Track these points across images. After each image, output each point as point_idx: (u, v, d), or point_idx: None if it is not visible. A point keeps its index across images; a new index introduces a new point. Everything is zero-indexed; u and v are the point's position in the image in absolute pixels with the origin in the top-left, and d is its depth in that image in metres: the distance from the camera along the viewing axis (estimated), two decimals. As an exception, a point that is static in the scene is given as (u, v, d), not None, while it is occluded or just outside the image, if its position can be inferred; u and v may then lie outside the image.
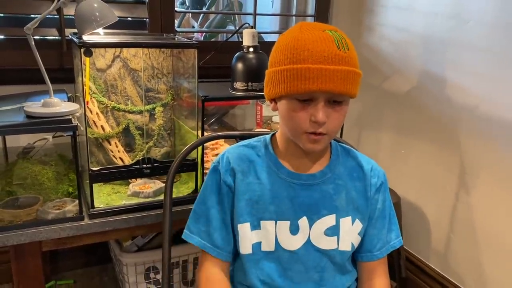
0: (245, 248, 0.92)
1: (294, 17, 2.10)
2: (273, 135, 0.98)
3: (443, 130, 1.59)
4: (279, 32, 2.17)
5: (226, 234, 0.94)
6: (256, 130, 1.65)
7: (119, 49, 1.33)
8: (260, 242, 0.92)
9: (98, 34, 1.24)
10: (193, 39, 1.99)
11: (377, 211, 0.96)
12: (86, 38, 1.15)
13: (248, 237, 0.92)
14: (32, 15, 1.58)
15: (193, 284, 1.62)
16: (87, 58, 1.12)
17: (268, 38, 2.12)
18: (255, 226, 0.92)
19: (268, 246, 0.92)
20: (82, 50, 1.08)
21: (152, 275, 1.52)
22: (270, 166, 0.93)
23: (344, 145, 1.00)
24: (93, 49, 1.13)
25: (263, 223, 0.92)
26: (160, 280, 1.54)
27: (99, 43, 1.18)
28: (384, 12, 1.82)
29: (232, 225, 0.94)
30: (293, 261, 0.93)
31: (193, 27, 2.92)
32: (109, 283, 1.82)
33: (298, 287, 0.93)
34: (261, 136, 0.99)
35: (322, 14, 1.96)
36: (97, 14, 1.14)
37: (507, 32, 1.35)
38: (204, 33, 2.43)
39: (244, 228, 0.92)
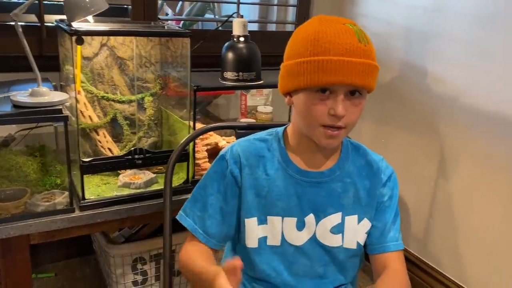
0: (251, 242, 0.93)
1: (276, 7, 2.10)
2: (285, 128, 0.96)
3: (423, 119, 1.64)
4: (260, 22, 2.17)
5: (221, 223, 0.93)
6: (241, 120, 1.65)
7: (106, 37, 1.29)
8: (266, 237, 0.93)
9: (86, 21, 1.20)
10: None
11: (382, 204, 0.96)
12: (75, 25, 1.12)
13: (254, 231, 0.92)
14: (8, 0, 1.52)
15: (180, 273, 1.61)
16: (79, 47, 1.09)
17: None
18: (262, 221, 0.92)
19: (274, 241, 0.93)
20: (74, 38, 1.05)
21: (139, 266, 1.51)
22: (280, 162, 0.92)
23: (354, 142, 1.00)
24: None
25: (270, 218, 0.92)
26: (147, 271, 1.53)
27: (92, 31, 1.15)
28: (366, 3, 1.85)
29: (239, 219, 0.94)
30: (298, 256, 0.93)
31: (167, 14, 2.87)
32: (91, 275, 1.79)
33: (303, 280, 0.94)
34: (273, 129, 0.97)
35: (305, 3, 1.96)
36: (87, 1, 1.10)
37: (486, 25, 1.40)
38: (182, 22, 2.39)
39: (250, 223, 0.92)
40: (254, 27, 2.20)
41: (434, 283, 1.65)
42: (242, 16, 1.40)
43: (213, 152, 1.39)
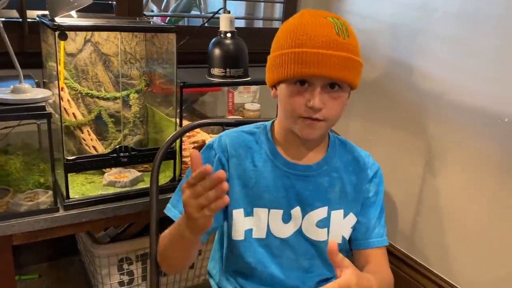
0: (238, 234, 0.92)
1: (262, 3, 2.08)
2: (273, 122, 0.97)
3: (410, 116, 1.64)
4: (246, 18, 2.15)
5: None
6: (229, 117, 1.64)
7: (90, 33, 1.27)
8: (252, 229, 0.92)
9: (70, 16, 1.17)
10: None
11: (367, 199, 0.97)
12: (58, 20, 1.09)
13: (241, 223, 0.92)
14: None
15: (166, 274, 1.59)
16: (62, 42, 1.06)
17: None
18: (248, 213, 0.92)
19: (259, 233, 0.92)
20: (57, 33, 1.03)
21: (125, 266, 1.48)
22: (267, 154, 0.92)
23: (341, 138, 1.01)
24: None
25: (256, 210, 0.91)
26: (134, 271, 1.51)
27: (75, 26, 1.13)
28: (352, 0, 1.84)
29: (226, 210, 0.93)
30: (283, 248, 0.93)
31: (152, 11, 2.84)
32: (76, 276, 1.75)
33: (288, 273, 0.94)
34: (261, 123, 0.98)
35: (292, 0, 1.95)
36: (70, -5, 1.08)
37: (472, 22, 1.41)
38: (167, 18, 2.36)
39: (238, 214, 0.91)
40: (241, 23, 2.19)
41: (421, 279, 1.66)
42: (229, 12, 1.38)
43: (200, 149, 1.37)
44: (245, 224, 0.92)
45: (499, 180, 1.38)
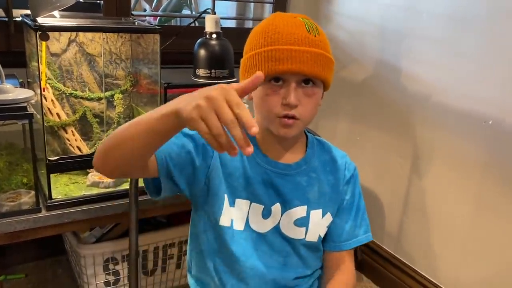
0: (225, 220, 0.92)
1: (252, 3, 2.08)
2: None
3: (398, 117, 1.65)
4: (232, 18, 2.15)
5: (176, 149, 0.85)
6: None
7: (75, 33, 1.27)
8: (233, 219, 0.93)
9: (53, 16, 1.17)
10: (145, 23, 1.92)
11: (345, 201, 0.97)
12: (40, 20, 1.09)
13: (229, 211, 0.92)
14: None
15: (153, 273, 1.59)
16: (44, 43, 1.06)
17: (225, 23, 2.10)
18: (231, 203, 0.92)
19: (238, 225, 0.93)
20: (38, 33, 1.02)
21: (111, 266, 1.48)
22: None
23: (319, 138, 1.02)
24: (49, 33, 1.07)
25: (238, 201, 0.92)
26: (120, 271, 1.51)
27: (56, 26, 1.12)
28: (341, 1, 1.85)
29: (217, 193, 0.91)
30: (259, 243, 0.94)
31: (145, 10, 2.83)
32: (63, 276, 1.75)
33: (266, 266, 0.94)
34: None
35: (281, 0, 1.95)
36: (52, -5, 1.08)
37: (459, 24, 1.41)
38: (158, 17, 2.36)
39: (226, 200, 0.91)
40: (232, 24, 2.19)
41: (407, 279, 1.67)
42: (215, 13, 1.38)
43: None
44: (231, 213, 0.92)
45: (484, 181, 1.39)
